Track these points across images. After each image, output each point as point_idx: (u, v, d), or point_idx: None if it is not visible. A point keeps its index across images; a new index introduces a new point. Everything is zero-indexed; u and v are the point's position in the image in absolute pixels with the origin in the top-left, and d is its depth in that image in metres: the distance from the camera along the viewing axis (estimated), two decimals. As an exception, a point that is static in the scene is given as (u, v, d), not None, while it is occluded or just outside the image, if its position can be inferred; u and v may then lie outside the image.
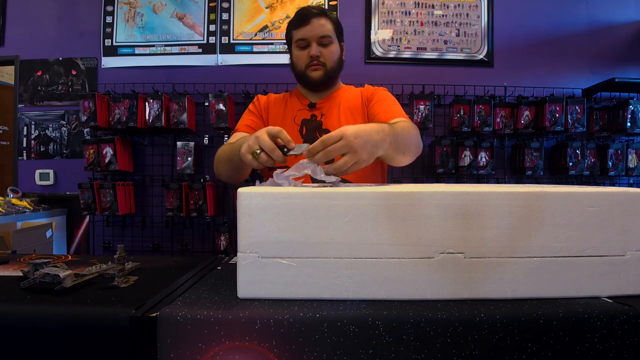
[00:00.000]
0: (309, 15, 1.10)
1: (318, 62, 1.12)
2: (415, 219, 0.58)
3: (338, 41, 1.16)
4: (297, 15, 1.13)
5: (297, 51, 1.14)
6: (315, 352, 0.51)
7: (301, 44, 1.12)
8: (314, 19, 1.10)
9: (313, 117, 1.16)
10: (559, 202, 0.59)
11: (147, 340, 0.52)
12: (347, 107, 1.16)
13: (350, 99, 1.18)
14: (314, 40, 1.11)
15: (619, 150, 2.35)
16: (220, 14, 2.55)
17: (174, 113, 2.31)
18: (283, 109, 1.19)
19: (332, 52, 1.14)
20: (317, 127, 1.14)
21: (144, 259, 0.87)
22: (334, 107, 1.17)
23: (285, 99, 1.22)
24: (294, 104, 1.19)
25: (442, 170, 2.33)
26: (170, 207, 2.34)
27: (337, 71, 1.17)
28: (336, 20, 1.16)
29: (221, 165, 1.04)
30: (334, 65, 1.15)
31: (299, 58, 1.14)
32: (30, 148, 2.61)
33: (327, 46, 1.13)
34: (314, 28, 1.10)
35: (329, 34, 1.12)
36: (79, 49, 2.58)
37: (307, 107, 1.17)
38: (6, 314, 0.55)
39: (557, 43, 2.57)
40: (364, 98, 1.18)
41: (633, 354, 0.53)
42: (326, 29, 1.11)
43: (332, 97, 1.19)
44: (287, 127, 1.13)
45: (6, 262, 0.85)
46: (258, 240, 0.58)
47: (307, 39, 1.11)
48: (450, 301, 0.58)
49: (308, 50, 1.12)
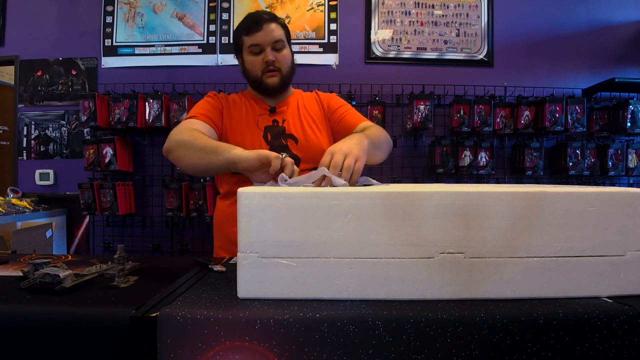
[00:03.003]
0: (261, 20, 1.10)
1: (274, 67, 1.12)
2: (415, 219, 0.58)
3: (289, 46, 1.17)
4: (248, 21, 1.13)
5: (250, 57, 1.13)
6: (315, 352, 0.51)
7: (254, 50, 1.12)
8: (265, 25, 1.10)
9: (275, 123, 1.16)
10: (559, 202, 0.59)
11: (147, 340, 0.52)
12: (307, 113, 1.19)
13: (308, 104, 1.21)
14: (268, 45, 1.11)
15: (619, 150, 2.35)
16: (220, 14, 2.55)
17: (174, 113, 2.31)
18: (244, 113, 1.17)
19: (286, 57, 1.14)
20: (281, 133, 1.15)
21: (144, 259, 0.87)
22: (293, 111, 1.18)
23: (242, 101, 1.20)
24: (253, 108, 1.18)
25: (442, 170, 2.33)
26: (170, 207, 2.34)
27: (291, 76, 1.18)
28: (285, 26, 1.16)
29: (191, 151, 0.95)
30: (288, 70, 1.16)
31: (253, 64, 1.13)
32: (30, 148, 2.61)
33: (281, 51, 1.13)
34: (266, 33, 1.10)
35: (282, 39, 1.12)
36: (79, 49, 2.58)
37: (268, 112, 1.17)
38: (6, 314, 0.55)
39: (557, 43, 2.57)
40: (322, 104, 1.22)
41: (633, 354, 0.53)
42: (278, 33, 1.12)
43: (289, 101, 1.20)
44: (250, 131, 1.14)
45: (6, 262, 0.85)
46: (258, 240, 0.58)
47: (260, 44, 1.11)
48: (450, 301, 0.58)
49: (262, 55, 1.11)
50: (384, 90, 2.47)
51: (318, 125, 1.18)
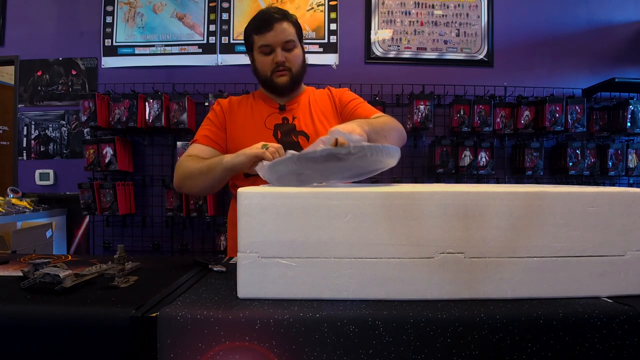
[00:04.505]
0: (272, 20, 1.09)
1: (284, 67, 1.11)
2: (415, 219, 0.58)
3: (300, 44, 1.16)
4: (259, 20, 1.11)
5: (260, 57, 1.12)
6: (315, 352, 0.51)
7: (265, 50, 1.11)
8: (276, 24, 1.08)
9: (285, 120, 1.16)
10: (559, 202, 0.59)
11: (147, 340, 0.52)
12: (319, 109, 1.18)
13: (319, 100, 1.20)
14: (278, 45, 1.09)
15: (619, 150, 2.35)
16: (220, 14, 2.55)
17: (174, 113, 2.31)
18: (250, 113, 1.17)
19: (297, 56, 1.13)
20: (292, 130, 1.14)
21: (144, 259, 0.87)
22: (304, 108, 1.18)
23: (249, 101, 1.20)
24: (262, 108, 1.18)
25: (442, 170, 2.33)
26: (170, 207, 2.34)
27: (301, 75, 1.17)
28: (297, 23, 1.15)
29: (195, 179, 1.03)
30: (299, 69, 1.15)
31: (263, 64, 1.13)
32: (30, 148, 2.61)
33: (291, 51, 1.12)
34: (277, 34, 1.08)
35: (293, 38, 1.11)
36: (79, 49, 2.58)
37: (278, 110, 1.17)
38: (6, 314, 0.55)
39: (557, 43, 2.57)
40: (334, 100, 1.21)
41: (633, 354, 0.53)
42: (289, 33, 1.10)
43: (300, 99, 1.20)
44: (259, 131, 1.13)
45: (6, 262, 0.85)
46: (258, 240, 0.58)
47: (270, 45, 1.10)
48: (450, 301, 0.58)
49: (273, 56, 1.11)
50: (384, 90, 2.47)
51: (330, 121, 1.17)
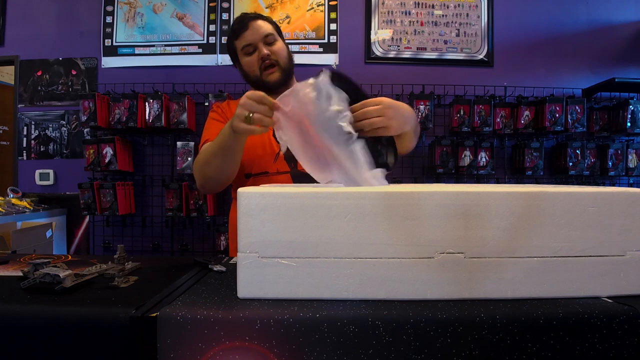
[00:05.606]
0: (246, 19, 1.11)
1: (270, 61, 1.11)
2: (415, 219, 0.58)
3: (281, 39, 1.16)
4: (234, 25, 1.13)
5: (245, 58, 1.12)
6: (315, 352, 0.51)
7: (248, 50, 1.11)
8: (251, 22, 1.10)
9: None
10: (559, 202, 0.59)
11: (147, 340, 0.52)
12: None
13: None
14: (259, 41, 1.10)
15: (619, 150, 2.35)
16: (220, 14, 2.55)
17: (174, 113, 2.31)
18: None
19: (281, 49, 1.13)
20: None
21: (144, 259, 0.87)
22: None
23: None
24: None
25: (442, 170, 2.33)
26: (170, 207, 2.34)
27: (290, 68, 1.16)
28: (272, 21, 1.16)
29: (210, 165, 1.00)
30: (287, 62, 1.14)
31: (250, 64, 1.12)
32: (30, 148, 2.61)
33: (273, 44, 1.12)
34: (254, 31, 1.10)
35: (272, 32, 1.12)
36: (79, 49, 2.58)
37: None
38: (6, 314, 0.55)
39: (557, 43, 2.57)
40: None
41: (633, 354, 0.53)
42: (266, 28, 1.11)
43: None
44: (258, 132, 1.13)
45: (6, 262, 0.85)
46: (258, 240, 0.58)
47: (252, 42, 1.10)
48: (450, 301, 0.58)
49: (257, 53, 1.11)
50: (384, 90, 2.47)
51: None
